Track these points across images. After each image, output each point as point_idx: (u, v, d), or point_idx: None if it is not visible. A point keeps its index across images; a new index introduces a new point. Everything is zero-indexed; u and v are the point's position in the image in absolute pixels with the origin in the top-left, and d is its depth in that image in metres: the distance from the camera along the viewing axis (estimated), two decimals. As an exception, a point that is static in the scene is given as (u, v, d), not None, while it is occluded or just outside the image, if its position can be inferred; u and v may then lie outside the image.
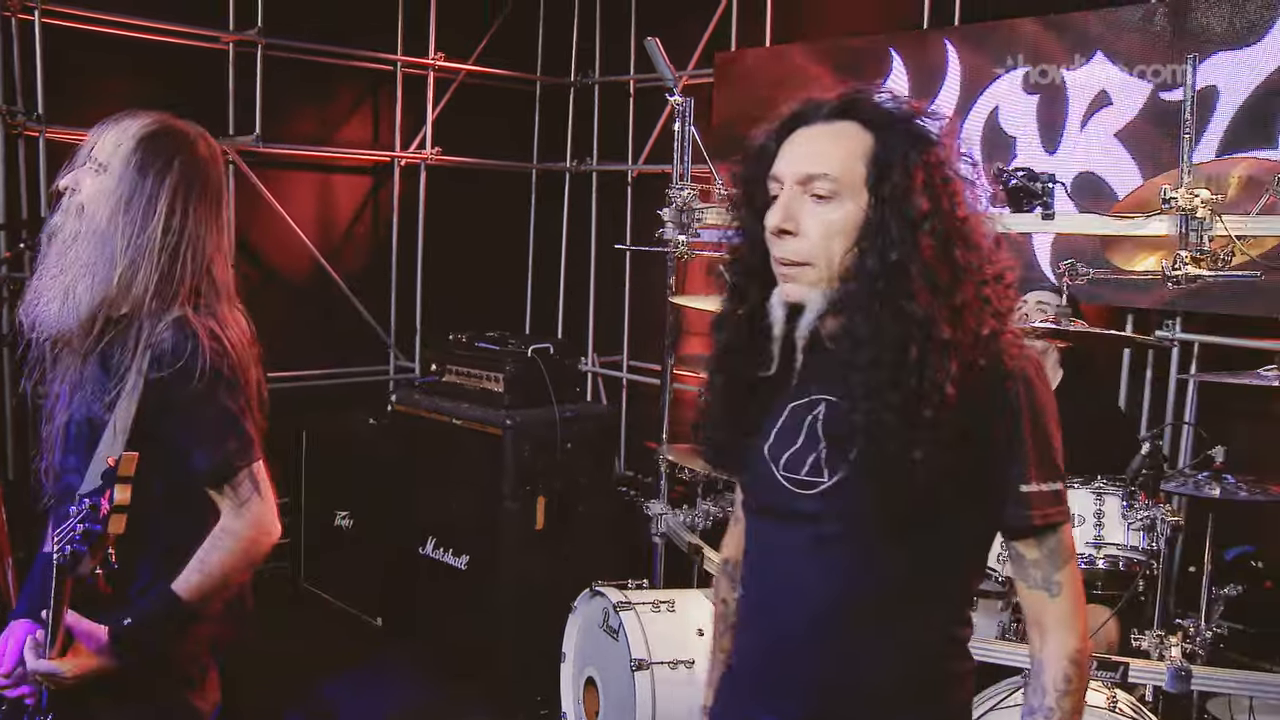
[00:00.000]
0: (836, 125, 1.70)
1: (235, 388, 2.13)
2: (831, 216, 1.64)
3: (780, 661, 1.76)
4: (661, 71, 4.33)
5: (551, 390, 4.60)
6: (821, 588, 1.70)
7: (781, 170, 1.69)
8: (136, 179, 2.11)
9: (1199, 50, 4.42)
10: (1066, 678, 1.68)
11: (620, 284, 6.75)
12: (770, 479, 1.74)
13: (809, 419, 1.72)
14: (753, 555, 1.88)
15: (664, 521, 4.34)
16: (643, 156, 6.57)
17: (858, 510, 1.65)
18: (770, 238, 1.67)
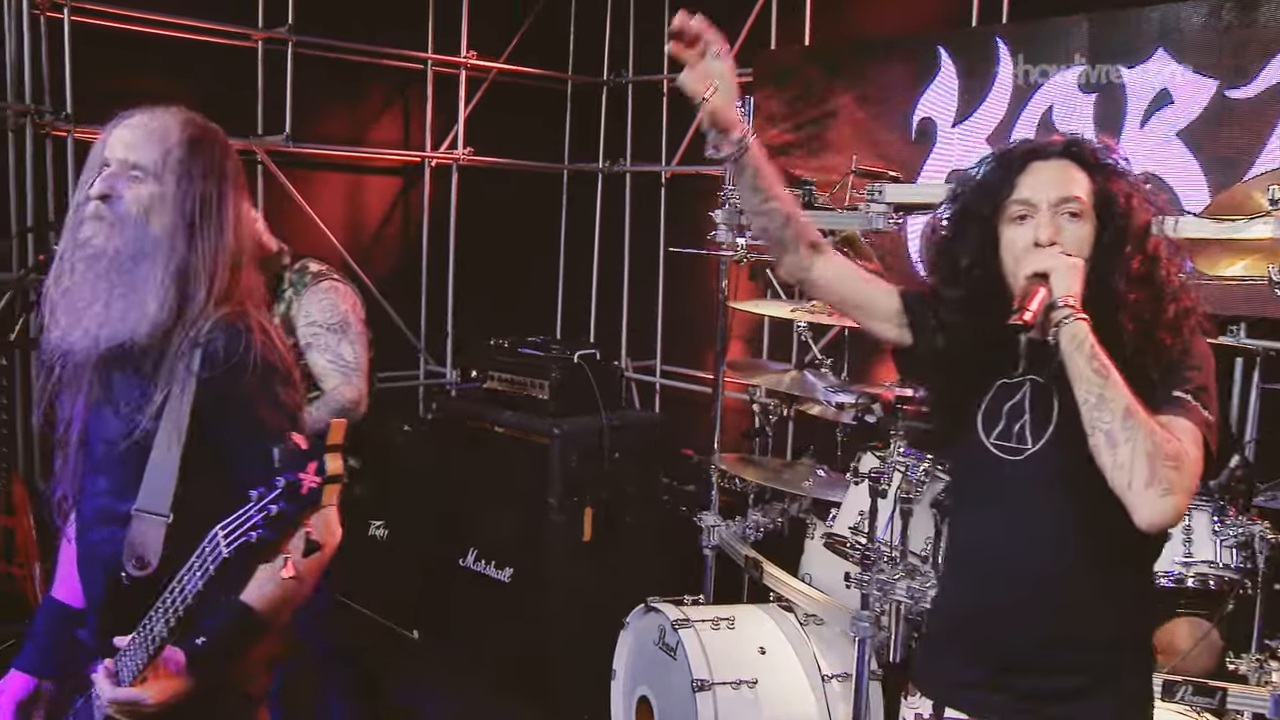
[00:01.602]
0: (1064, 162, 2.06)
1: (290, 382, 2.03)
2: (1080, 233, 2.02)
3: (996, 622, 2.07)
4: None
5: (599, 397, 4.47)
6: (1036, 555, 2.03)
7: (1035, 196, 2.03)
8: (200, 187, 2.00)
9: (1266, 49, 4.31)
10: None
11: (654, 287, 6.63)
12: (980, 446, 2.09)
13: (1018, 395, 2.08)
14: (965, 522, 2.22)
15: (717, 533, 4.21)
16: (677, 157, 6.44)
17: (1062, 476, 1.98)
18: (1030, 249, 2.00)
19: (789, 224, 2.20)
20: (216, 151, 2.04)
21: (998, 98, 5.03)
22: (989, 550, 2.11)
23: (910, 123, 5.29)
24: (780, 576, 3.80)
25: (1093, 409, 1.86)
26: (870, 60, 5.43)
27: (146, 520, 1.92)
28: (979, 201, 2.12)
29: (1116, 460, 1.82)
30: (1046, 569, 2.02)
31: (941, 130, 5.21)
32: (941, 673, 2.21)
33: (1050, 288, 1.93)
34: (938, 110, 5.22)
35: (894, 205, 3.28)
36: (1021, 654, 2.05)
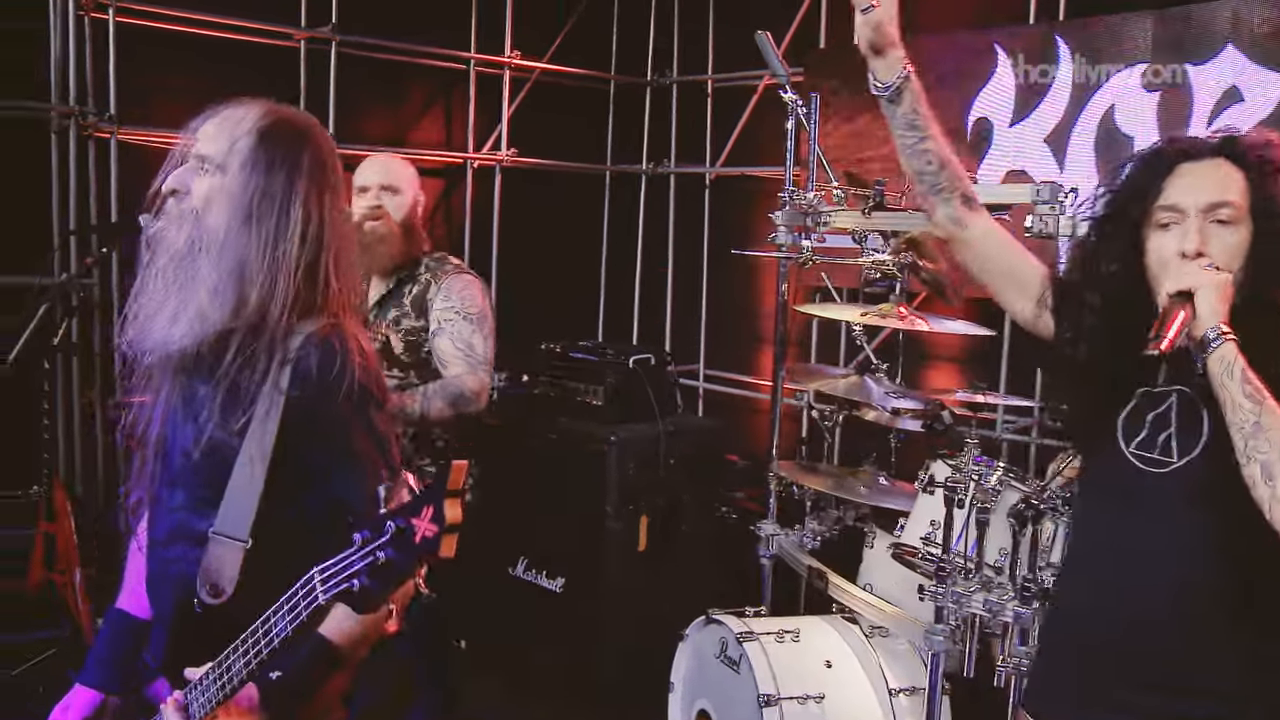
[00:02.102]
0: (1217, 161, 1.93)
1: (383, 408, 1.92)
2: (1232, 240, 1.89)
3: (1123, 635, 1.95)
4: (774, 67, 4.09)
5: (656, 403, 4.37)
6: (1173, 568, 1.91)
7: (1183, 201, 1.91)
8: (263, 180, 1.86)
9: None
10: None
11: (697, 290, 6.54)
12: (1119, 455, 1.98)
13: (1163, 406, 1.95)
14: (1097, 530, 2.08)
15: (776, 543, 4.11)
16: (721, 159, 6.36)
17: (1208, 491, 1.85)
18: (1175, 261, 1.88)
19: (945, 168, 2.11)
20: (294, 144, 1.90)
21: (1056, 97, 4.92)
22: (1120, 561, 1.99)
23: (966, 122, 5.19)
24: (846, 588, 3.70)
25: (1248, 438, 1.74)
26: (924, 58, 5.31)
27: (224, 544, 1.82)
28: (1125, 204, 2.01)
29: (1275, 493, 1.70)
30: (1183, 583, 1.90)
31: (998, 130, 5.11)
32: (1059, 692, 2.11)
33: (1195, 308, 1.81)
34: (994, 109, 5.11)
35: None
36: (1147, 672, 1.94)
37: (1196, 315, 1.81)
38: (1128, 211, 2.00)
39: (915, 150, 2.10)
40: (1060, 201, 2.97)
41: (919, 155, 2.10)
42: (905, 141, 2.11)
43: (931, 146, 2.10)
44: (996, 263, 2.16)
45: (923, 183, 2.14)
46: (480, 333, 3.48)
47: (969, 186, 2.15)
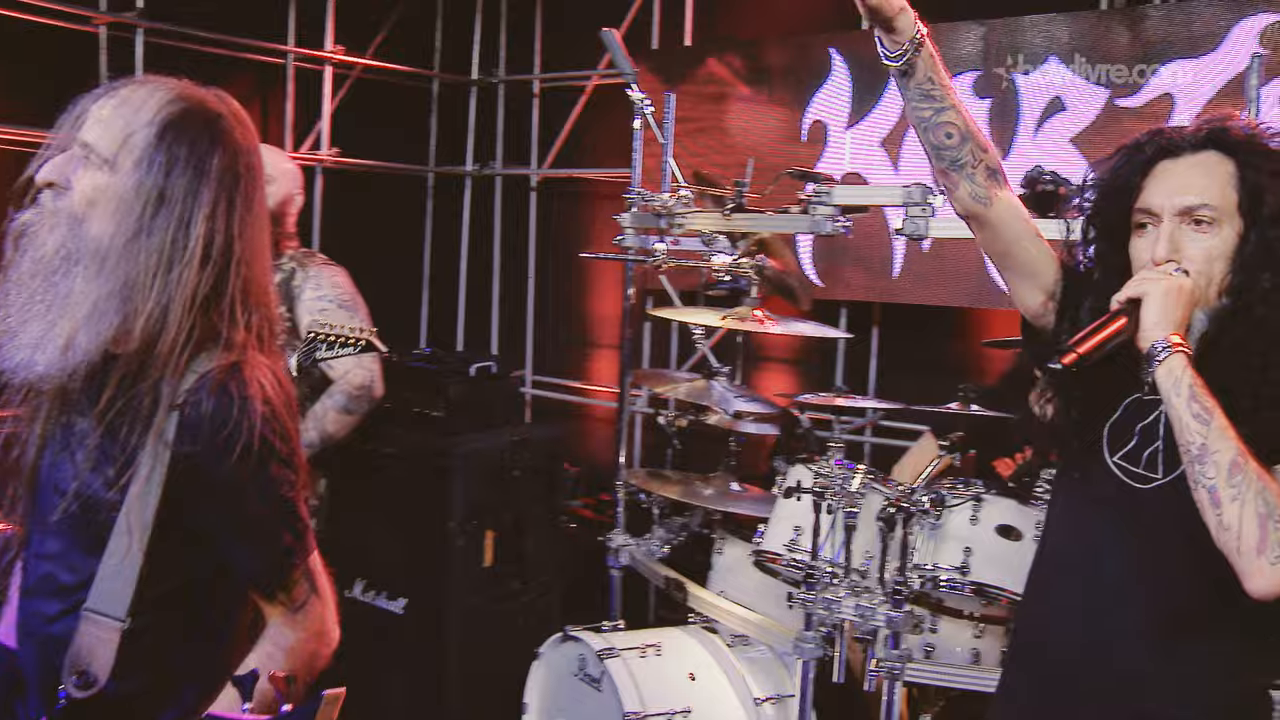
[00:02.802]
0: (1201, 156, 1.80)
1: (290, 463, 1.62)
2: (1212, 243, 1.76)
3: (1098, 657, 1.85)
4: (621, 65, 3.98)
5: (497, 413, 4.19)
6: (1146, 587, 1.81)
7: (1158, 204, 1.79)
8: (161, 183, 1.55)
9: (1155, 58, 4.37)
10: None
11: (524, 294, 6.38)
12: (1103, 465, 1.87)
13: (1150, 417, 1.82)
14: (1070, 540, 1.95)
15: (628, 554, 3.99)
16: (549, 160, 6.21)
17: (1191, 511, 1.68)
18: (1151, 267, 1.77)
19: (967, 140, 1.90)
20: (203, 141, 1.60)
21: (890, 101, 4.98)
22: (1091, 575, 1.89)
23: (803, 124, 5.20)
24: (708, 598, 3.61)
25: (1194, 461, 1.64)
26: (758, 61, 5.32)
27: (97, 623, 1.53)
28: (1107, 204, 1.89)
29: (1222, 521, 1.62)
30: (1155, 604, 1.81)
31: (834, 132, 5.14)
32: (1022, 709, 2.03)
33: (1141, 317, 1.71)
34: (830, 112, 5.14)
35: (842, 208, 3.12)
36: (1111, 694, 1.84)
37: (1141, 325, 1.71)
38: (1109, 211, 1.89)
39: (932, 124, 1.89)
40: (930, 203, 2.94)
41: (937, 129, 1.89)
42: (920, 115, 1.90)
43: (951, 118, 1.89)
44: (1015, 248, 1.97)
45: (942, 159, 1.92)
46: (357, 318, 3.49)
47: (994, 158, 1.95)
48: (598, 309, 6.22)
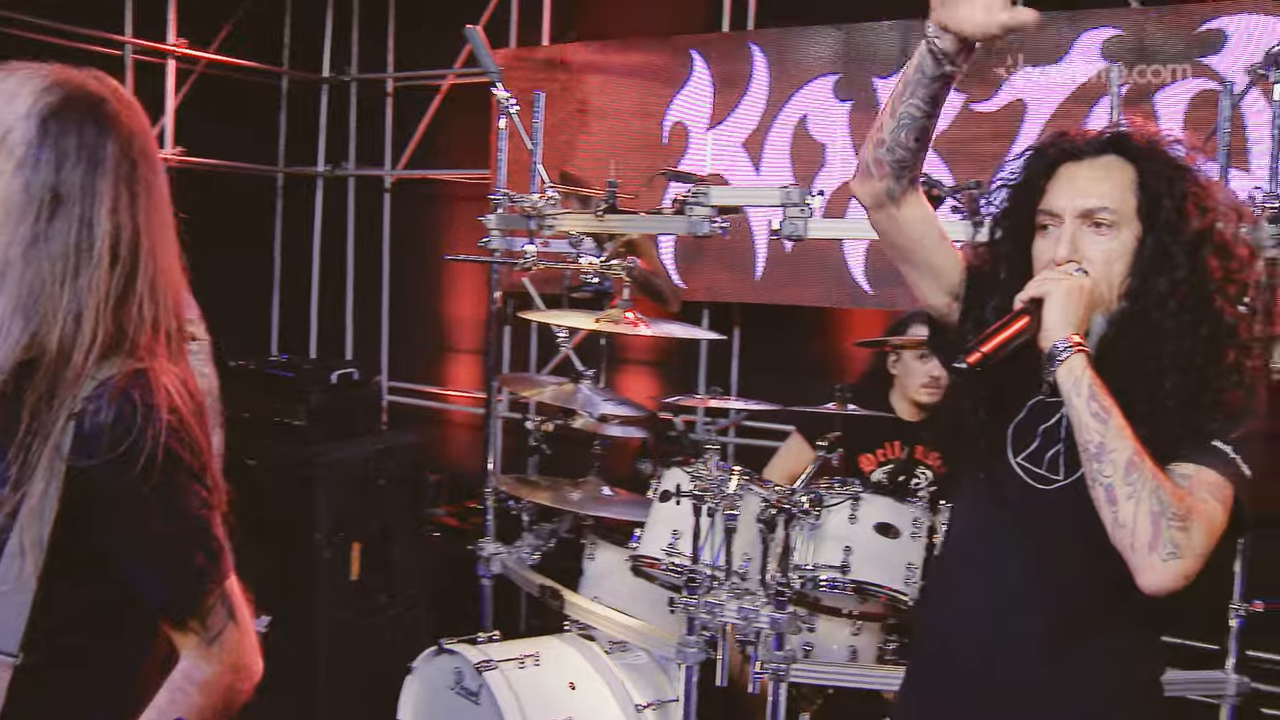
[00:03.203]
0: (1102, 160, 1.82)
1: (201, 477, 1.50)
2: (1112, 245, 1.78)
3: (1000, 657, 1.86)
4: (485, 64, 3.88)
5: (359, 421, 4.05)
6: (1047, 588, 1.83)
7: (1060, 205, 1.81)
8: (52, 181, 1.42)
9: (1008, 65, 4.51)
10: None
11: (378, 298, 6.23)
12: (1006, 466, 1.88)
13: (1053, 419, 1.83)
14: (973, 540, 1.97)
15: (500, 562, 3.90)
16: (403, 161, 6.07)
17: (1091, 513, 1.69)
18: (1053, 267, 1.79)
19: (923, 150, 1.87)
20: (92, 130, 1.46)
21: (752, 104, 5.02)
22: (993, 577, 1.89)
23: (664, 126, 5.19)
24: (586, 605, 3.55)
25: (1092, 459, 1.67)
26: (619, 62, 5.29)
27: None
28: (1013, 205, 1.90)
29: (1117, 519, 1.64)
30: (1056, 605, 1.83)
31: (695, 134, 5.15)
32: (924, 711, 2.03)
33: (1044, 316, 1.72)
34: (691, 114, 5.14)
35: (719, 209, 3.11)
36: (1013, 697, 1.86)
37: (1043, 325, 1.72)
38: (1014, 212, 1.90)
39: (914, 125, 1.83)
40: (809, 204, 2.95)
41: (914, 129, 1.83)
42: (912, 113, 1.82)
43: (930, 125, 1.85)
44: (920, 247, 1.96)
45: (893, 154, 1.86)
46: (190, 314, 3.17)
47: (921, 169, 1.94)
48: (455, 312, 6.11)
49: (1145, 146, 1.82)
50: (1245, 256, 1.82)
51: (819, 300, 5.06)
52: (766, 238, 4.99)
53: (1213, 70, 4.16)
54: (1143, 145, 1.82)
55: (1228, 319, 1.75)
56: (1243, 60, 4.10)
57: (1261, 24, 4.10)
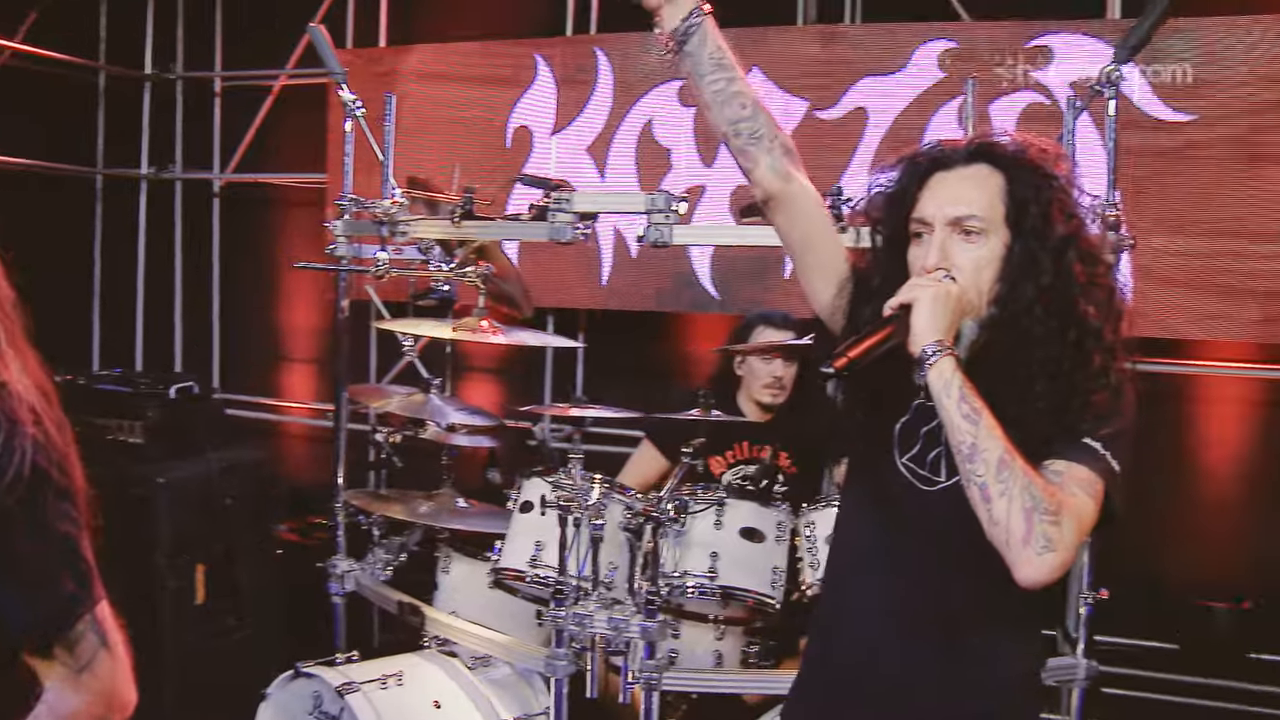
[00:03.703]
0: (971, 169, 1.84)
1: (68, 494, 1.42)
2: (980, 253, 1.80)
3: (888, 654, 1.89)
4: (330, 65, 3.76)
5: (202, 437, 3.86)
6: (932, 588, 1.86)
7: (930, 214, 1.83)
8: None
9: (850, 75, 4.62)
10: None
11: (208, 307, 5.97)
12: (893, 467, 1.90)
13: (933, 423, 1.82)
14: (861, 541, 1.98)
15: (354, 579, 3.78)
16: (233, 164, 5.84)
17: (972, 513, 1.72)
18: (924, 274, 1.81)
19: (760, 110, 1.87)
20: None
21: (597, 109, 5.01)
22: (880, 579, 1.92)
23: (507, 130, 5.14)
24: (448, 621, 3.47)
25: (965, 460, 1.69)
26: (460, 65, 5.20)
27: None
28: (887, 215, 1.91)
29: (992, 516, 1.67)
30: (942, 603, 1.85)
31: (539, 139, 5.11)
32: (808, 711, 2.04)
33: (912, 322, 1.74)
34: (535, 119, 5.10)
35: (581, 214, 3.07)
36: (901, 695, 1.88)
37: (912, 330, 1.74)
38: (889, 221, 1.91)
39: (728, 95, 1.84)
40: (674, 210, 2.95)
41: (732, 100, 1.84)
42: (715, 88, 1.84)
43: (744, 88, 1.85)
44: (813, 233, 1.96)
45: (739, 134, 1.87)
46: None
47: (788, 138, 1.92)
48: (290, 321, 5.92)
49: (1012, 155, 1.85)
50: (1108, 262, 1.87)
51: (666, 306, 5.09)
52: (612, 243, 4.99)
53: (1041, 84, 4.36)
54: (1010, 154, 1.85)
55: (1092, 323, 1.78)
56: (1069, 75, 4.32)
57: (1085, 42, 4.33)
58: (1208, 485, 4.53)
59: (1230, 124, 4.19)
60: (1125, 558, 3.44)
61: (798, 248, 2.00)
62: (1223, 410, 4.52)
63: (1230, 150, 4.19)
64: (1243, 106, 4.15)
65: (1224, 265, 4.20)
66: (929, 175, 1.86)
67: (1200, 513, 4.50)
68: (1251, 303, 4.16)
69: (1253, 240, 4.16)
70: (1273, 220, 4.15)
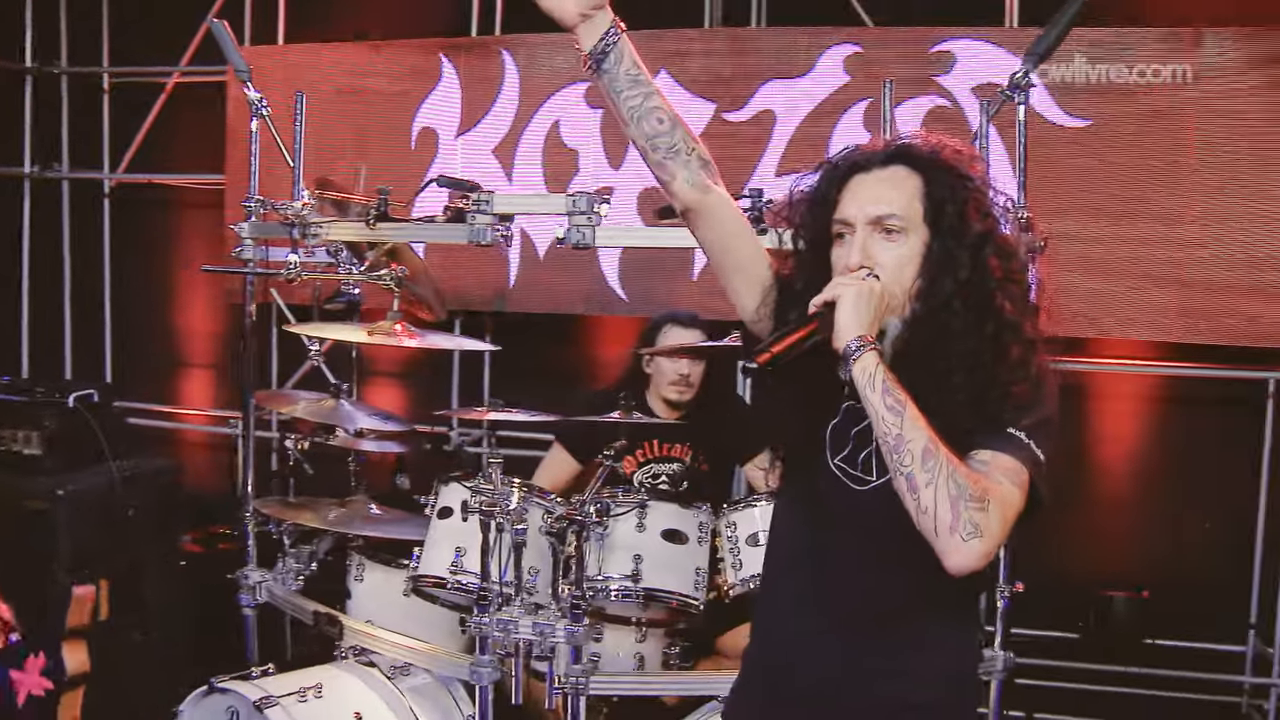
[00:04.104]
0: (890, 170, 1.90)
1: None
2: (901, 251, 1.86)
3: (825, 652, 1.92)
4: (234, 61, 3.68)
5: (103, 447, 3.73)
6: (868, 584, 1.90)
7: (852, 214, 1.88)
8: None
9: (757, 78, 4.67)
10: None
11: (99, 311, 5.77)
12: (825, 468, 1.94)
13: (864, 423, 1.85)
14: (797, 541, 2.01)
15: (267, 590, 3.70)
16: (124, 164, 5.65)
17: (903, 510, 1.75)
18: (847, 273, 1.85)
19: (677, 124, 1.89)
20: None
21: (503, 111, 4.97)
22: (817, 575, 1.94)
23: (412, 132, 5.07)
24: (368, 630, 3.42)
25: (890, 451, 1.73)
26: (362, 64, 5.12)
27: None
28: (809, 219, 1.95)
29: (919, 505, 1.71)
30: (877, 601, 1.90)
31: (444, 141, 5.05)
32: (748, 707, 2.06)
33: (836, 319, 1.78)
34: (440, 120, 5.05)
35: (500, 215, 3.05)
36: (830, 687, 1.92)
37: (836, 326, 1.78)
38: (812, 224, 1.95)
39: (645, 111, 1.86)
40: (596, 212, 2.94)
41: (650, 115, 1.86)
42: (631, 104, 1.86)
43: (660, 103, 1.87)
44: (735, 241, 1.98)
45: (657, 148, 1.89)
46: None
47: (705, 150, 1.94)
48: (187, 325, 5.75)
49: (929, 157, 1.91)
50: (1023, 259, 1.93)
51: (574, 308, 5.08)
52: (519, 245, 4.97)
53: (945, 88, 4.46)
54: (926, 155, 1.91)
55: (1009, 317, 1.84)
56: (971, 81, 4.44)
57: (985, 49, 4.44)
58: (1105, 481, 4.69)
59: (1118, 127, 4.35)
60: (1031, 552, 3.54)
61: (719, 256, 2.03)
62: (1117, 407, 4.69)
63: (1122, 155, 4.36)
64: (1133, 110, 4.31)
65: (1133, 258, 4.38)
66: (849, 178, 1.91)
67: (1099, 507, 4.65)
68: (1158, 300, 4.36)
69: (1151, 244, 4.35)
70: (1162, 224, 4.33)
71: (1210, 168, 4.28)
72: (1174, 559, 4.55)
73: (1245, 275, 4.27)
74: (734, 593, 3.34)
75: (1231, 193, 4.27)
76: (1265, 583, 4.51)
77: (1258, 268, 4.26)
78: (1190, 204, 4.31)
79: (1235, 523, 4.53)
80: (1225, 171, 4.27)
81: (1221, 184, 4.28)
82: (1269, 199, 4.25)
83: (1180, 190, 4.31)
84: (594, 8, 1.83)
